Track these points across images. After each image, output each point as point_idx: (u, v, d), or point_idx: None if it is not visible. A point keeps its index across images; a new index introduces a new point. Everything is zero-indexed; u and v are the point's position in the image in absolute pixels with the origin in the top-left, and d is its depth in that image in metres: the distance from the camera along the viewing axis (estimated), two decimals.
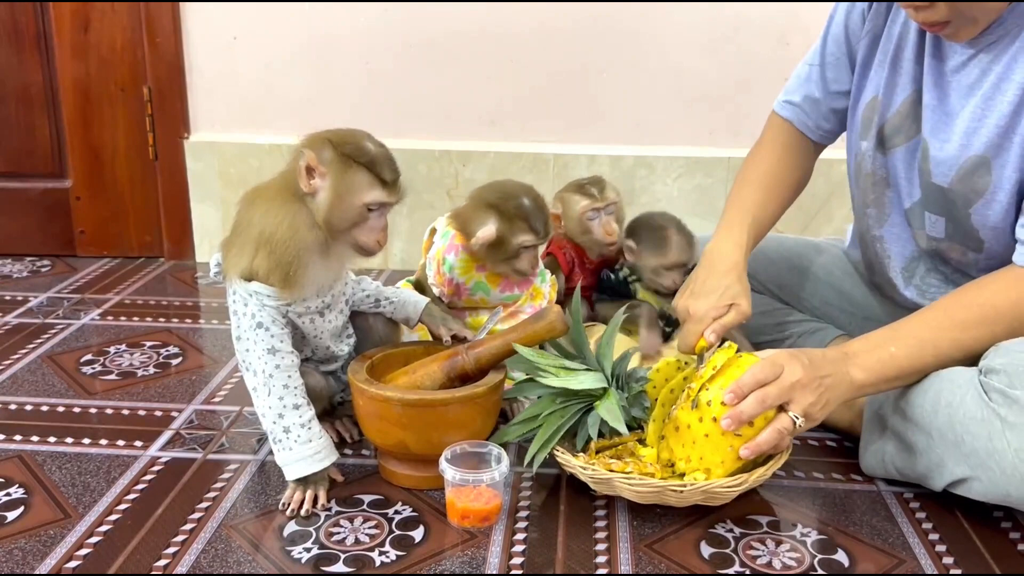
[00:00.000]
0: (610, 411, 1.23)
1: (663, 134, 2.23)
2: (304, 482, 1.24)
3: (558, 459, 1.25)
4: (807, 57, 1.48)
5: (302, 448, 1.23)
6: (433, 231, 1.54)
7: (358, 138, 1.22)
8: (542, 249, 1.53)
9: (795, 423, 1.15)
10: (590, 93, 2.21)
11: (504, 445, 1.26)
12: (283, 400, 1.23)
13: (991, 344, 1.18)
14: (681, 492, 1.17)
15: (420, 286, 1.54)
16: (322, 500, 1.23)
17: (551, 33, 2.18)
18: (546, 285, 1.54)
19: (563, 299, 1.58)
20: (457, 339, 1.38)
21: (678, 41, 2.17)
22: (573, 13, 2.16)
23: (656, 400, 1.31)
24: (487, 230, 1.42)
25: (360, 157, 1.20)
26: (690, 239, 1.57)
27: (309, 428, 1.24)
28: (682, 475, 1.20)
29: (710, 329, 1.31)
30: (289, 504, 1.22)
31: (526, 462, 1.27)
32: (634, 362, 1.39)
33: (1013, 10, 1.17)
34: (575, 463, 1.22)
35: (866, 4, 1.36)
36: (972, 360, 1.20)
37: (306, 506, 1.22)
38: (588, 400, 1.27)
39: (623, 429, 1.23)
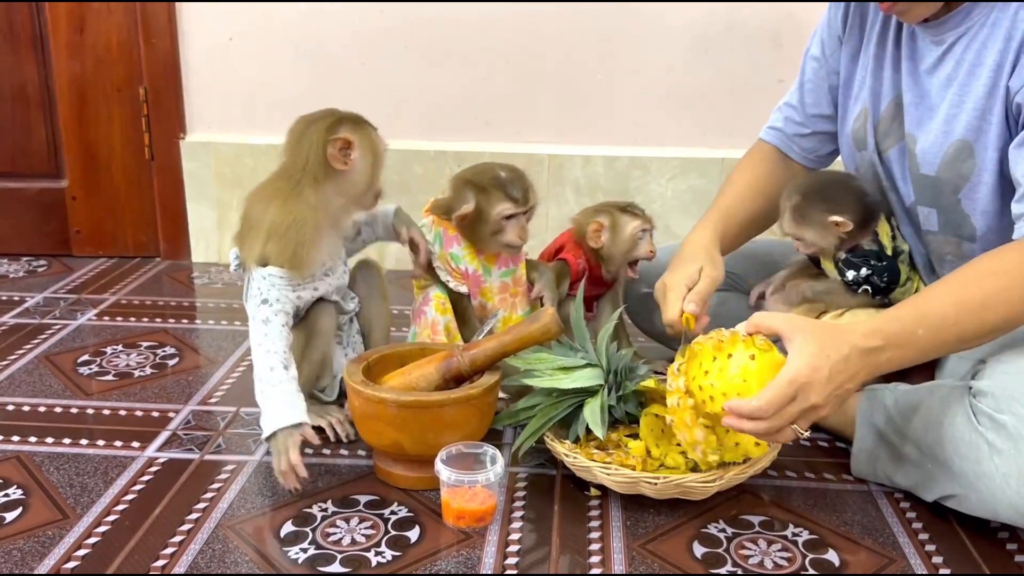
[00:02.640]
0: (594, 413, 1.26)
1: (657, 135, 2.24)
2: (275, 440, 1.25)
3: (547, 444, 1.30)
4: (789, 92, 1.55)
5: (280, 394, 1.27)
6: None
7: (353, 113, 1.37)
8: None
9: (798, 437, 1.12)
10: (585, 94, 2.22)
11: (499, 434, 1.27)
12: (270, 357, 1.29)
13: (1006, 324, 1.14)
14: (655, 484, 1.20)
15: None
16: (295, 459, 1.24)
17: (546, 34, 2.19)
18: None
19: (563, 299, 1.60)
20: (413, 244, 1.49)
21: (672, 42, 2.18)
22: (568, 14, 2.17)
23: (649, 397, 1.34)
24: (466, 206, 1.46)
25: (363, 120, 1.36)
26: (798, 217, 1.42)
27: (290, 383, 1.28)
28: (660, 466, 1.23)
29: (688, 299, 1.32)
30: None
31: (514, 448, 1.32)
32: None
33: (978, 3, 1.20)
34: (560, 450, 1.27)
35: (840, 30, 1.42)
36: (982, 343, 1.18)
37: (283, 466, 1.23)
38: (583, 395, 1.29)
39: (600, 433, 1.25)
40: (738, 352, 1.14)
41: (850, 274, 1.43)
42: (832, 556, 1.15)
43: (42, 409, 1.53)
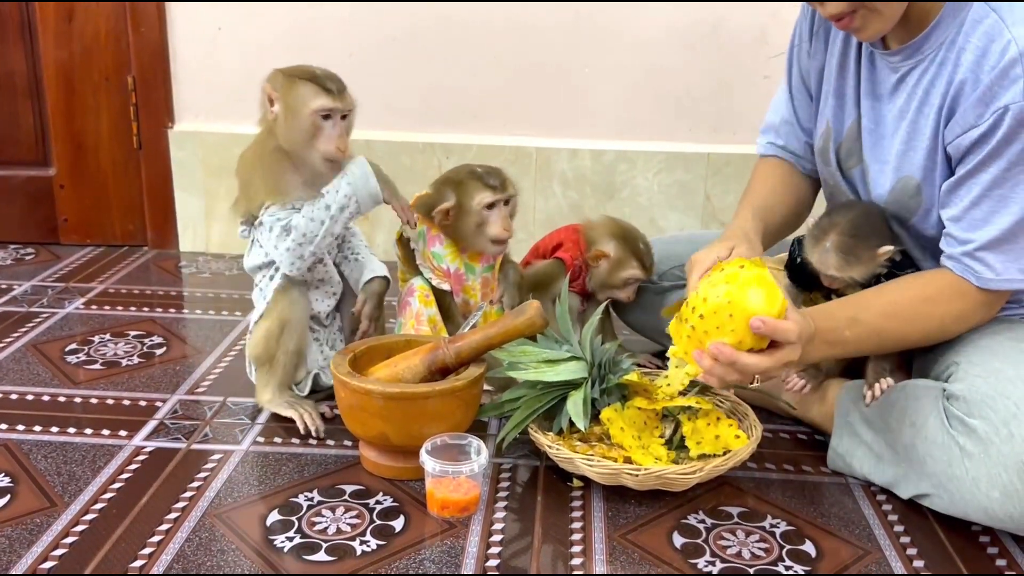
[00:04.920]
0: (577, 406, 1.28)
1: (644, 129, 2.25)
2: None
3: (531, 436, 1.32)
4: (776, 103, 1.52)
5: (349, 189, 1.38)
6: (400, 239, 1.57)
7: (304, 65, 1.41)
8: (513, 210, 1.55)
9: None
10: (572, 88, 2.24)
11: (483, 426, 1.29)
12: (313, 211, 1.38)
13: (921, 343, 1.28)
14: (637, 476, 1.22)
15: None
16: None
17: (534, 28, 2.20)
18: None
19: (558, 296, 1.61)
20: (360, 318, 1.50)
21: (659, 37, 2.19)
22: (556, 9, 2.17)
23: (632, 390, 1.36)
24: (447, 202, 1.48)
25: (304, 75, 1.38)
26: (848, 258, 1.30)
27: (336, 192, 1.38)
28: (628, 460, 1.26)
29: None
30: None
31: (498, 439, 1.34)
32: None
33: (928, 36, 1.21)
34: (543, 441, 1.29)
35: (808, 44, 1.42)
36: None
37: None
38: (567, 388, 1.31)
39: (583, 426, 1.27)
40: (728, 267, 1.17)
41: None
42: (809, 547, 1.17)
43: (30, 397, 1.54)
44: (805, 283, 1.41)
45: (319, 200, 1.38)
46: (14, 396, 1.54)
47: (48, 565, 1.10)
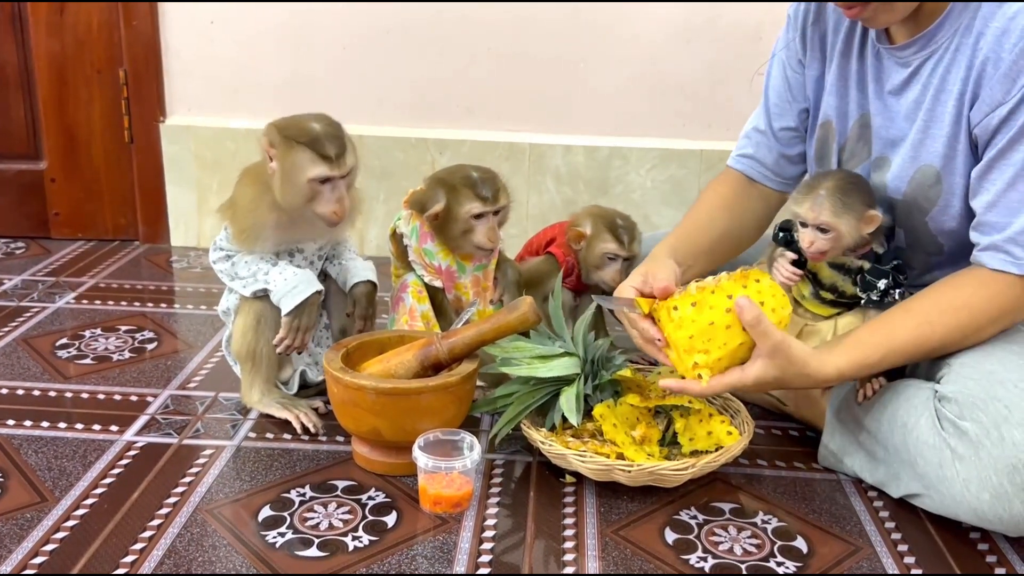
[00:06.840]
0: (570, 402, 1.28)
1: (638, 125, 2.25)
2: (296, 316, 1.37)
3: (523, 432, 1.32)
4: (754, 115, 1.51)
5: (283, 284, 1.37)
6: (393, 234, 1.57)
7: (302, 120, 1.32)
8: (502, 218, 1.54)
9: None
10: (567, 83, 2.23)
11: (476, 422, 1.29)
12: (251, 267, 1.40)
13: (954, 348, 1.22)
14: (629, 472, 1.22)
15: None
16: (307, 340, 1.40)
17: (529, 23, 2.19)
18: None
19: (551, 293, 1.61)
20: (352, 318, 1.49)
21: (654, 34, 2.19)
22: (552, 4, 2.17)
23: (626, 387, 1.36)
24: (437, 205, 1.47)
25: (301, 137, 1.29)
26: (845, 201, 1.27)
27: (282, 271, 1.39)
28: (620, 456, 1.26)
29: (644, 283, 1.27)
30: (283, 340, 1.38)
31: (491, 435, 1.34)
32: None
33: (941, 26, 1.21)
34: (536, 437, 1.29)
35: (801, 54, 1.41)
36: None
37: (287, 340, 1.38)
38: (560, 384, 1.31)
39: (575, 421, 1.28)
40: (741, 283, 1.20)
41: (882, 283, 1.31)
42: (800, 543, 1.18)
43: (20, 392, 1.53)
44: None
45: (263, 264, 1.39)
46: (4, 391, 1.53)
47: (39, 560, 1.09)
